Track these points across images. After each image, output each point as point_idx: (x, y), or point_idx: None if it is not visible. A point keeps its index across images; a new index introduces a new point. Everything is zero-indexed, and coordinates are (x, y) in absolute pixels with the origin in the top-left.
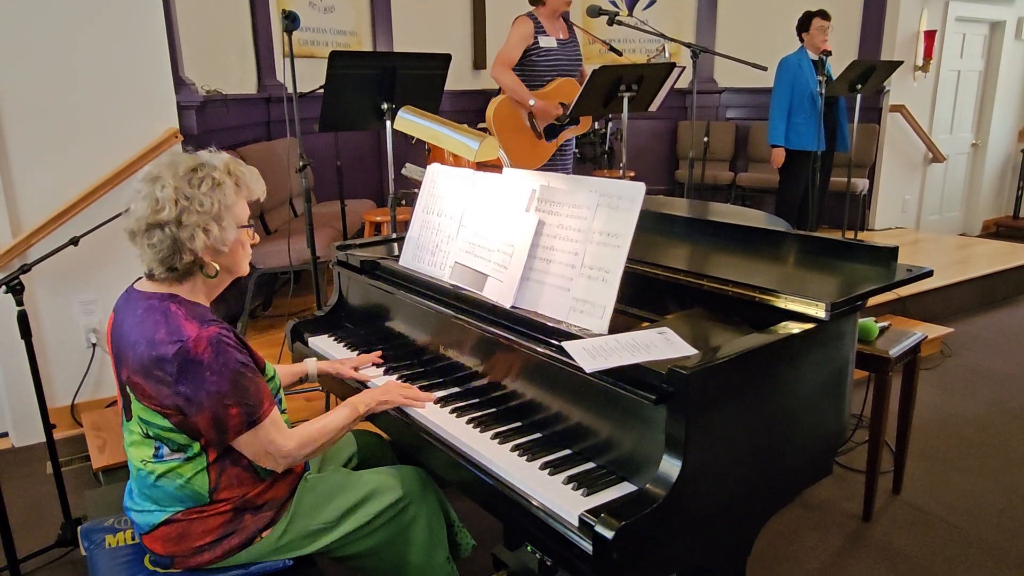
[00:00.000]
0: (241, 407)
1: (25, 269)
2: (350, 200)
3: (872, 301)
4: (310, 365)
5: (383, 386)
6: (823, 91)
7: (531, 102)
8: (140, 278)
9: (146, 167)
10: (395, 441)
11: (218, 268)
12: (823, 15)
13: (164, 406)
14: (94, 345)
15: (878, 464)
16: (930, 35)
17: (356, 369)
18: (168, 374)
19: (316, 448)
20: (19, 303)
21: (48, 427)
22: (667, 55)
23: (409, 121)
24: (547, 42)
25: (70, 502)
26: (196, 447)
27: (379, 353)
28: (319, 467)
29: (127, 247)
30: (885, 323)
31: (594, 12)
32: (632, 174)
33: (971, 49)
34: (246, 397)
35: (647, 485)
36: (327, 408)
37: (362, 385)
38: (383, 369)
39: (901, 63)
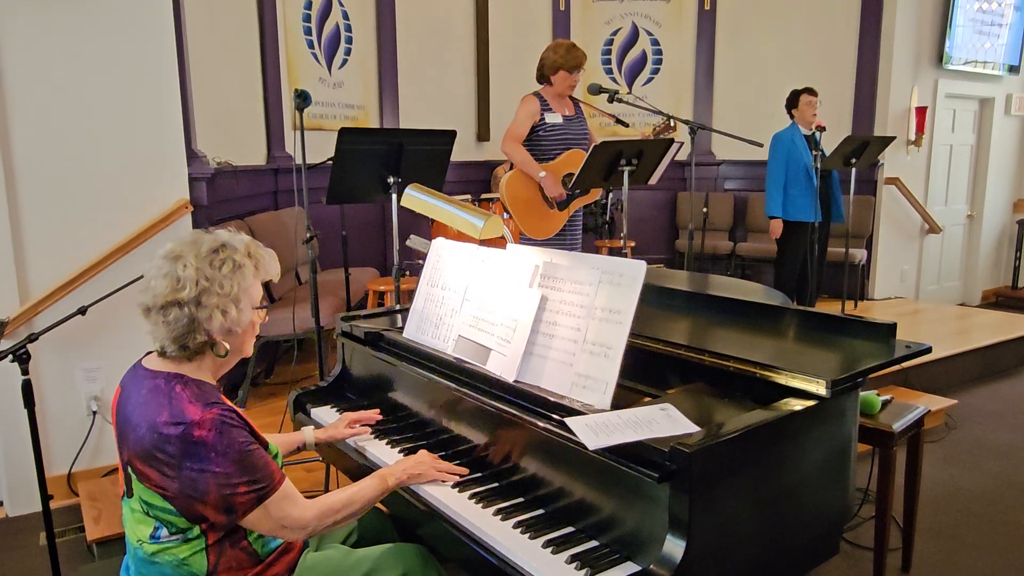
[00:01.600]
0: (249, 485)
1: (33, 338)
2: (354, 268)
3: (873, 374)
4: (308, 434)
5: (415, 457)
6: (818, 165)
7: (541, 174)
8: (148, 353)
9: (168, 245)
10: (395, 516)
11: (228, 348)
12: (810, 91)
13: (167, 490)
14: (95, 413)
15: (886, 541)
16: (921, 111)
17: (352, 427)
18: (171, 456)
19: (339, 519)
20: (24, 372)
21: (45, 498)
22: (673, 125)
23: (416, 199)
24: (553, 118)
25: None
26: (196, 530)
27: (378, 411)
28: (318, 544)
29: (133, 316)
30: (887, 396)
31: (595, 90)
32: (633, 244)
33: (962, 124)
34: (254, 474)
35: (651, 566)
36: (327, 478)
37: (361, 456)
38: (372, 434)
39: (894, 139)
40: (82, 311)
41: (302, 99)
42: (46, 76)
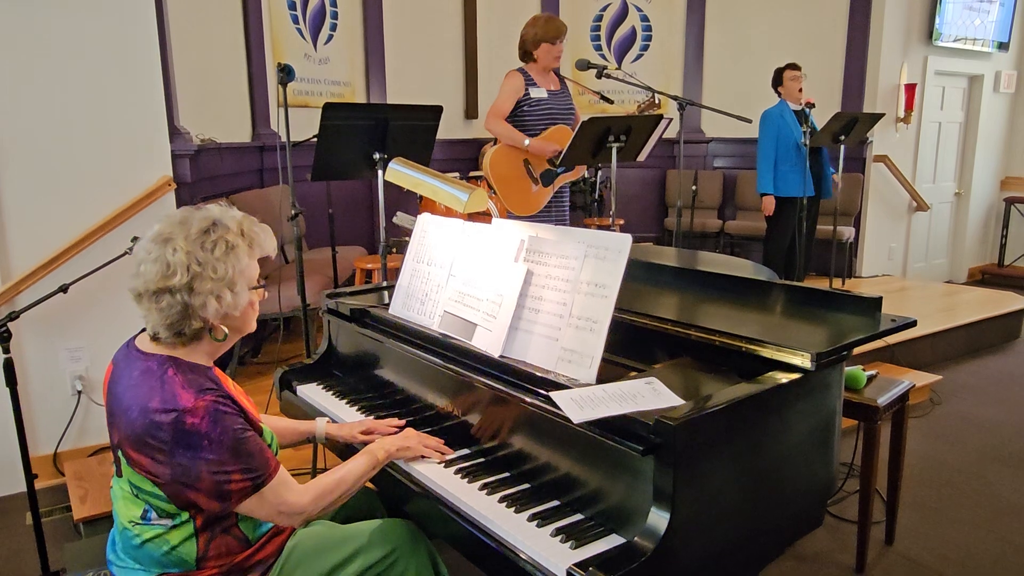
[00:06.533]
0: (244, 472)
1: (13, 316)
2: (341, 247)
3: (859, 349)
4: (319, 426)
5: (402, 433)
6: (807, 141)
7: (525, 143)
8: (142, 331)
9: (157, 225)
10: (383, 492)
11: (227, 331)
12: (793, 67)
13: (158, 476)
14: (79, 392)
15: (870, 514)
16: (910, 88)
17: (369, 432)
18: (163, 443)
19: (334, 500)
20: (6, 351)
21: (30, 477)
22: (658, 103)
23: (400, 173)
24: (538, 93)
25: (49, 555)
26: (184, 515)
27: (403, 423)
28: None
29: (117, 295)
30: (873, 371)
31: (583, 66)
32: (622, 222)
33: (951, 101)
34: (249, 462)
35: (635, 538)
36: (315, 456)
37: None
38: (360, 411)
39: (883, 115)
40: (63, 289)
41: (285, 73)
42: (23, 52)
